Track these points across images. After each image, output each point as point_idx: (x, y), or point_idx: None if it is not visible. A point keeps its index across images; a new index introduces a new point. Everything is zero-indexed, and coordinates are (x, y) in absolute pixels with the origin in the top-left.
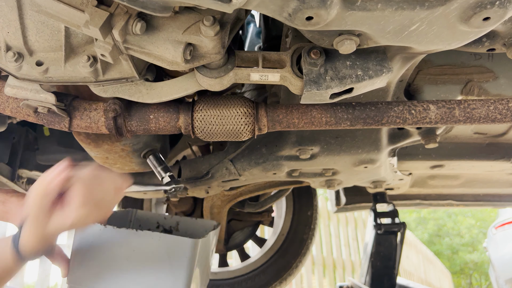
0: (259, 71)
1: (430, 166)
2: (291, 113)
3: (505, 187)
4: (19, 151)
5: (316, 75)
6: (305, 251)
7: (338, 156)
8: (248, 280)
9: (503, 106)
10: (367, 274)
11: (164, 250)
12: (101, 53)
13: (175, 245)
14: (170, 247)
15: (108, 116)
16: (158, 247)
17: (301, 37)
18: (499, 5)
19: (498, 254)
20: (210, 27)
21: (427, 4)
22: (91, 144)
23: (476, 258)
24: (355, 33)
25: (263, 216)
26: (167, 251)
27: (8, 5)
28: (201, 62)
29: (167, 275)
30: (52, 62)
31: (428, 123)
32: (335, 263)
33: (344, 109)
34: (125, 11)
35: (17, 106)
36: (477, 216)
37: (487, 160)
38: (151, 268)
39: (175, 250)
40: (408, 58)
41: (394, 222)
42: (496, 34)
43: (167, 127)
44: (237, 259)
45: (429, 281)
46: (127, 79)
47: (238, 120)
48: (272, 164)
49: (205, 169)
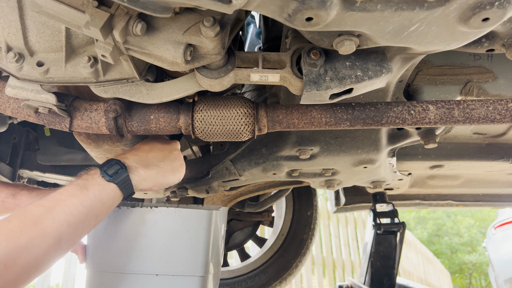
0: (259, 72)
1: (430, 166)
2: (291, 114)
3: (504, 187)
4: (19, 151)
5: (315, 75)
6: (305, 251)
7: (337, 156)
8: (248, 280)
9: (502, 107)
10: (367, 274)
11: (180, 224)
12: (101, 53)
13: (191, 218)
14: (187, 221)
15: (109, 116)
16: (175, 221)
17: (301, 38)
18: (498, 5)
19: (497, 254)
20: (210, 28)
21: (426, 5)
22: (91, 144)
23: (475, 258)
24: (355, 34)
25: (263, 216)
26: (183, 225)
27: (9, 5)
28: (201, 63)
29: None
30: (53, 62)
31: (428, 124)
32: (335, 263)
33: (343, 110)
34: (125, 12)
35: (18, 106)
36: (476, 216)
37: (486, 160)
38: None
39: (192, 223)
40: (408, 59)
41: (393, 222)
42: (495, 35)
43: (168, 127)
44: (237, 259)
45: (429, 281)
46: (127, 79)
47: (238, 120)
48: (272, 164)
49: (205, 169)
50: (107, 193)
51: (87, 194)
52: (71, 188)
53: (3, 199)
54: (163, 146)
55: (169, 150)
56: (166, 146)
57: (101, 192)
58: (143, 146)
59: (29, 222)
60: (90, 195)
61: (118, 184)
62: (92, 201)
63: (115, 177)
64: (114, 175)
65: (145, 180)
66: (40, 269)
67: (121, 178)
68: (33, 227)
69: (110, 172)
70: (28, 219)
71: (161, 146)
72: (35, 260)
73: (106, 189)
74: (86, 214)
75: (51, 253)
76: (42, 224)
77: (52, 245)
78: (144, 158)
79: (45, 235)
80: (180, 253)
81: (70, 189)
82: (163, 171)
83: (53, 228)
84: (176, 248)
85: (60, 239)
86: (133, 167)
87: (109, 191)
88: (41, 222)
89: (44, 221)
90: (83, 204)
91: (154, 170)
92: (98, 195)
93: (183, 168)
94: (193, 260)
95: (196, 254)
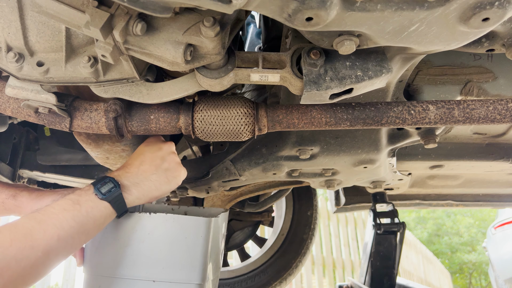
0: (259, 72)
1: (430, 166)
2: (291, 114)
3: (504, 187)
4: (20, 152)
5: (316, 75)
6: (305, 251)
7: (337, 156)
8: (248, 280)
9: (502, 107)
10: (367, 274)
11: (178, 231)
12: (101, 53)
13: (189, 225)
14: (185, 228)
15: (109, 116)
16: (173, 228)
17: (301, 38)
18: (498, 5)
19: (497, 254)
20: (210, 28)
21: (426, 4)
22: (91, 144)
23: (475, 257)
24: (355, 34)
25: (263, 216)
26: (182, 232)
27: (9, 5)
28: (201, 63)
29: (184, 256)
30: (53, 62)
31: (428, 124)
32: (335, 263)
33: (343, 110)
34: (125, 12)
35: (18, 106)
36: (476, 216)
37: (486, 160)
38: (168, 249)
39: (190, 230)
40: (408, 59)
41: (393, 222)
42: (495, 35)
43: (168, 127)
44: (237, 259)
45: (429, 281)
46: (127, 79)
47: (238, 120)
48: (272, 164)
49: (205, 169)
50: (100, 211)
51: (79, 210)
52: (64, 203)
53: (3, 200)
54: (154, 155)
55: (161, 159)
56: (158, 154)
57: (93, 209)
58: (134, 161)
59: (19, 233)
60: (82, 211)
61: (111, 203)
62: (84, 217)
63: (108, 195)
64: (107, 193)
65: (139, 198)
66: (27, 282)
67: (114, 196)
68: (23, 238)
69: (103, 190)
70: (18, 230)
71: (152, 156)
72: (23, 271)
73: (99, 207)
74: (77, 230)
75: (38, 266)
76: (32, 236)
77: (40, 257)
78: (135, 174)
79: (34, 247)
80: (177, 260)
81: (63, 203)
82: (156, 184)
83: (42, 240)
84: (174, 255)
85: (48, 253)
86: (126, 186)
87: (101, 208)
88: (32, 234)
89: (35, 233)
90: (75, 219)
91: (146, 186)
92: (91, 211)
93: (179, 174)
94: (191, 268)
95: (193, 261)
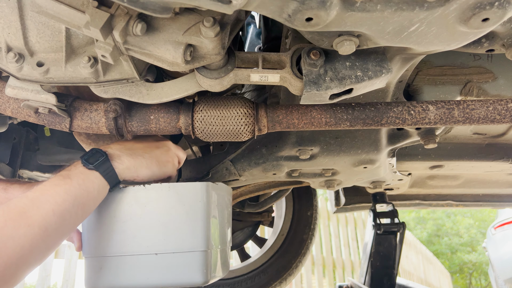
0: (259, 72)
1: (430, 167)
2: (291, 114)
3: (504, 187)
4: (19, 152)
5: (315, 76)
6: (305, 251)
7: (337, 156)
8: (248, 280)
9: (502, 107)
10: (367, 274)
11: (176, 199)
12: (101, 54)
13: (186, 191)
14: (182, 195)
15: (109, 116)
16: (170, 197)
17: (301, 38)
18: (498, 6)
19: (497, 254)
20: (210, 28)
21: (426, 5)
22: (91, 144)
23: (475, 258)
24: (355, 34)
25: (263, 216)
26: (179, 199)
27: (9, 6)
28: (201, 63)
29: (184, 224)
30: (53, 62)
31: (428, 124)
32: (335, 263)
33: (343, 110)
34: (125, 12)
35: (18, 106)
36: (476, 216)
37: (486, 161)
38: (166, 220)
39: (188, 196)
40: (408, 59)
41: (393, 222)
42: (495, 35)
43: (168, 127)
44: (237, 259)
45: (429, 281)
46: (127, 79)
47: (238, 120)
48: (272, 165)
49: (205, 169)
50: (91, 181)
51: (70, 183)
52: (55, 179)
53: None
54: (150, 142)
55: (156, 146)
56: (154, 142)
57: (85, 181)
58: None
59: (12, 213)
60: (74, 184)
61: (100, 172)
62: (76, 190)
63: (96, 164)
64: (95, 163)
65: (129, 169)
66: (29, 261)
67: (103, 165)
68: (18, 217)
69: (91, 161)
70: (11, 210)
71: (149, 140)
72: (22, 250)
73: (90, 177)
74: (71, 203)
75: (38, 243)
76: (27, 214)
77: (38, 234)
78: (129, 147)
79: (30, 224)
80: (178, 229)
81: (54, 179)
82: (147, 162)
83: (38, 217)
84: (174, 224)
85: (46, 228)
86: (115, 155)
87: (93, 179)
88: (26, 212)
89: (29, 211)
90: (68, 193)
91: (138, 159)
92: (82, 183)
93: (171, 164)
94: (193, 235)
95: (195, 228)
